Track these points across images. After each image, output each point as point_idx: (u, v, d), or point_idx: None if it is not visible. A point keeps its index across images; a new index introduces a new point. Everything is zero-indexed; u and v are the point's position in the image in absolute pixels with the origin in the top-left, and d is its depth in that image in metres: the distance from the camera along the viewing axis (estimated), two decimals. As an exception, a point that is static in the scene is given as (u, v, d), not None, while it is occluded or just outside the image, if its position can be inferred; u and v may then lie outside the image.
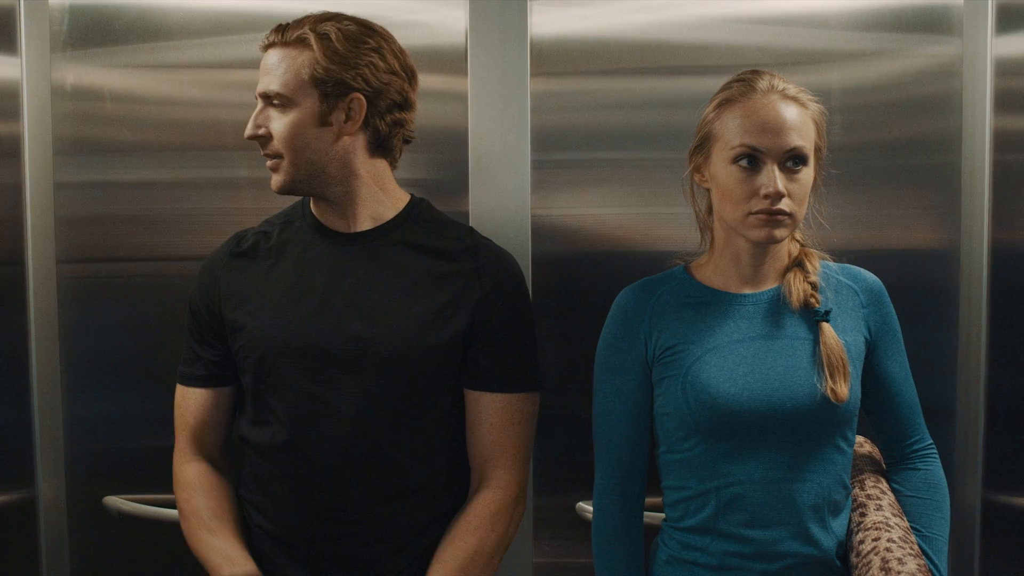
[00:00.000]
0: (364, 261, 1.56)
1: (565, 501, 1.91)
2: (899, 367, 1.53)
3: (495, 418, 1.56)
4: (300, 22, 1.51)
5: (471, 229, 1.65)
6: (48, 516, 1.98)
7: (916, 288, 1.90)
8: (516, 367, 1.58)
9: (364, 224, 1.58)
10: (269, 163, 1.54)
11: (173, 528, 1.91)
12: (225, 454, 1.69)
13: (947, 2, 1.89)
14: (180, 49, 1.91)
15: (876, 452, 1.61)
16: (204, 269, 1.65)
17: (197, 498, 1.60)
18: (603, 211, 1.92)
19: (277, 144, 1.52)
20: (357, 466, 1.52)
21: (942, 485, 1.54)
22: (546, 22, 1.90)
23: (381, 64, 1.52)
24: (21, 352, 1.95)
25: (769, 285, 1.50)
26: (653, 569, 1.54)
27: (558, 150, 1.91)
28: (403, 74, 1.56)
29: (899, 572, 1.35)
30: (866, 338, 1.50)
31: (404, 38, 1.60)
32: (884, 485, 1.54)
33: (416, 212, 1.62)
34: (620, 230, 1.92)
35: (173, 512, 1.90)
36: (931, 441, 1.56)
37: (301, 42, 1.50)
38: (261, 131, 1.52)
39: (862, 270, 1.55)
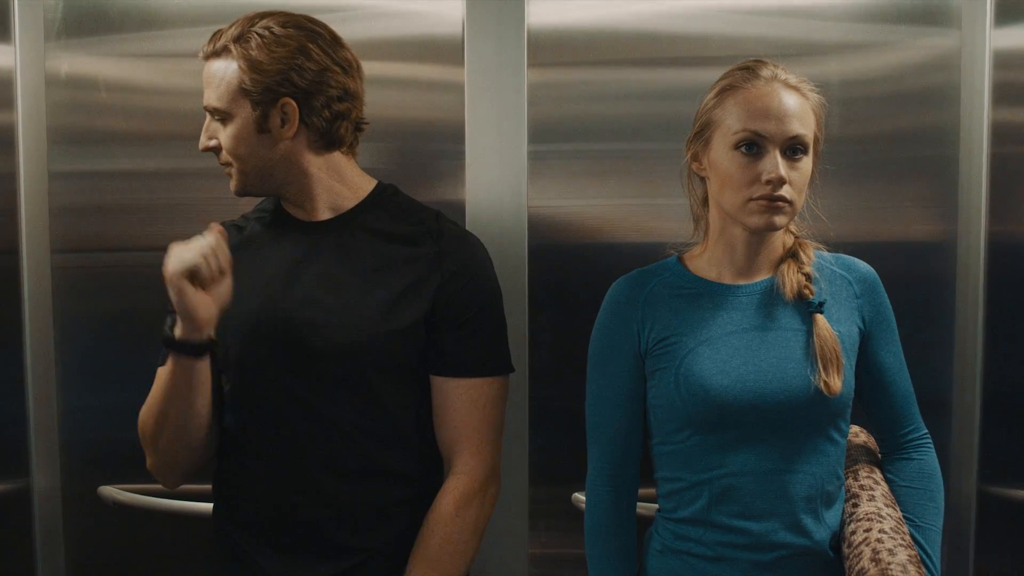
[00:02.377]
0: (324, 249, 1.56)
1: (560, 492, 1.91)
2: (893, 357, 1.52)
3: (458, 403, 1.56)
4: (229, 28, 1.51)
5: (438, 213, 1.63)
6: (43, 506, 1.98)
7: (913, 280, 1.90)
8: (479, 351, 1.58)
9: (324, 214, 1.58)
10: (226, 170, 1.56)
11: (168, 518, 1.91)
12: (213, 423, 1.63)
13: (946, -7, 1.89)
14: (175, 38, 1.91)
15: (871, 442, 1.61)
16: None
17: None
18: (600, 202, 1.92)
19: (225, 154, 1.54)
20: (323, 451, 1.52)
21: (936, 475, 1.54)
22: (543, 12, 1.89)
23: (308, 64, 1.49)
24: (15, 342, 1.94)
25: (763, 276, 1.50)
26: (647, 559, 1.54)
27: (555, 141, 1.90)
28: (338, 67, 1.53)
29: (889, 563, 1.36)
30: (860, 328, 1.49)
31: (401, 28, 1.59)
32: (878, 475, 1.54)
33: (379, 199, 1.61)
34: (617, 221, 1.92)
35: (168, 502, 1.90)
36: (926, 431, 1.56)
37: (227, 52, 1.50)
38: (212, 143, 1.54)
39: (856, 260, 1.54)
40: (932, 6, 1.89)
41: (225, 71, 1.50)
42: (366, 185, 1.62)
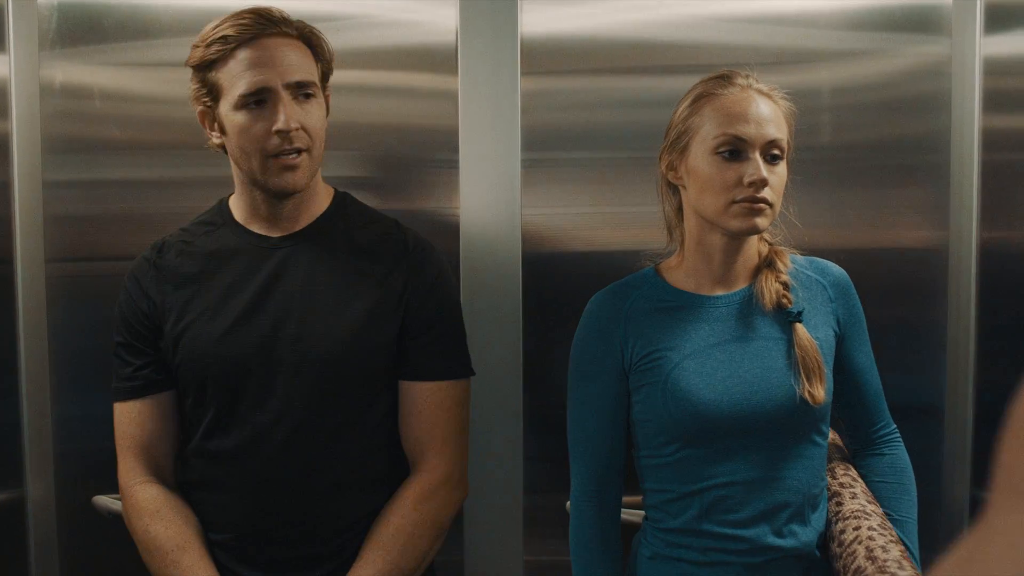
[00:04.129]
0: (297, 264, 1.55)
1: (555, 500, 1.91)
2: (865, 356, 1.54)
3: (425, 406, 1.56)
4: (284, 16, 1.50)
5: (396, 222, 1.64)
6: (37, 516, 1.98)
7: (904, 286, 1.91)
8: (443, 355, 1.59)
9: (301, 222, 1.57)
10: (292, 159, 1.47)
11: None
12: (174, 466, 1.63)
13: (936, 2, 1.89)
14: (169, 47, 1.91)
15: (838, 438, 1.63)
16: (130, 279, 1.61)
17: (156, 526, 1.52)
18: (594, 210, 1.92)
19: (310, 137, 1.48)
20: (306, 466, 1.52)
21: (908, 468, 1.56)
22: (536, 21, 1.90)
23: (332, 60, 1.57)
24: (9, 352, 1.94)
25: (740, 285, 1.50)
26: (636, 566, 1.54)
27: (548, 149, 1.91)
28: None
29: (885, 560, 1.36)
30: (835, 331, 1.50)
31: (395, 36, 1.60)
32: (853, 472, 1.55)
33: (342, 207, 1.62)
34: (611, 229, 1.92)
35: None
36: (895, 426, 1.58)
37: (302, 36, 1.50)
38: (295, 124, 1.46)
39: (829, 263, 1.55)
40: (923, 14, 1.90)
41: (303, 50, 1.49)
42: (327, 191, 1.62)
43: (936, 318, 1.93)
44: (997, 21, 1.87)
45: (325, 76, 1.55)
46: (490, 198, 1.90)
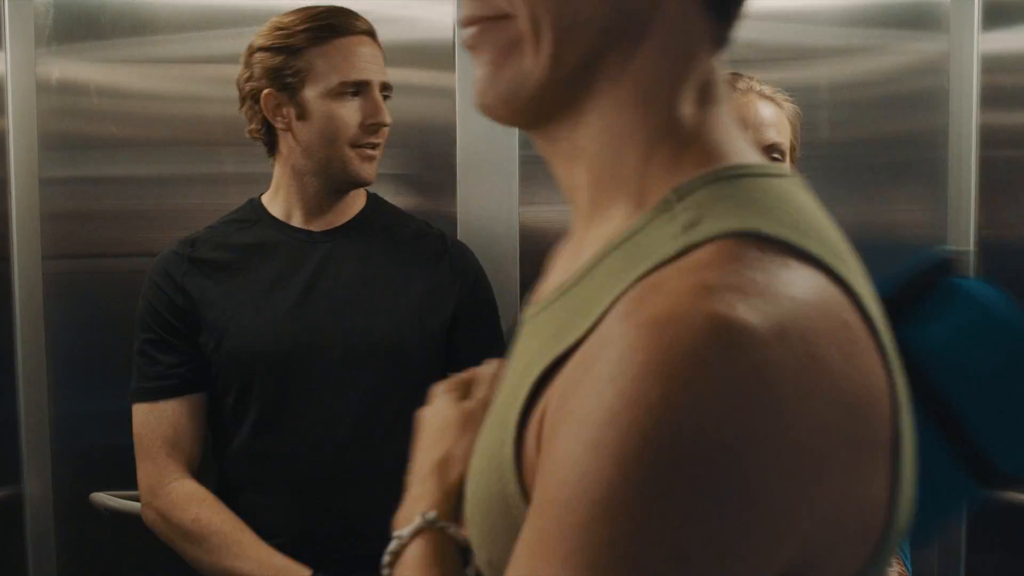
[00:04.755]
0: (343, 257, 1.56)
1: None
2: None
3: None
4: (350, 12, 1.54)
5: (426, 221, 1.68)
6: (35, 513, 1.97)
7: (903, 283, 1.91)
8: (492, 346, 1.59)
9: (344, 217, 1.58)
10: (373, 151, 1.53)
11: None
12: (200, 470, 1.59)
13: (934, -2, 1.90)
14: (166, 44, 1.90)
15: None
16: (159, 274, 1.55)
17: (206, 513, 1.48)
18: (591, 207, 1.92)
19: (386, 134, 1.55)
20: (364, 462, 1.50)
21: None
22: (534, 17, 1.89)
23: None
24: (7, 348, 1.93)
25: None
26: None
27: (546, 146, 1.91)
28: None
29: None
30: None
31: (392, 33, 1.60)
32: None
33: (379, 205, 1.64)
34: (608, 226, 1.92)
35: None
36: None
37: (377, 41, 1.55)
38: (390, 120, 1.54)
39: None
40: (921, 11, 1.90)
41: (380, 51, 1.54)
42: (362, 191, 1.63)
43: (934, 315, 1.93)
44: (995, 17, 1.87)
45: None
46: (488, 195, 1.89)
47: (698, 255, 0.52)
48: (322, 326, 1.51)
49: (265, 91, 1.50)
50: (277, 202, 1.59)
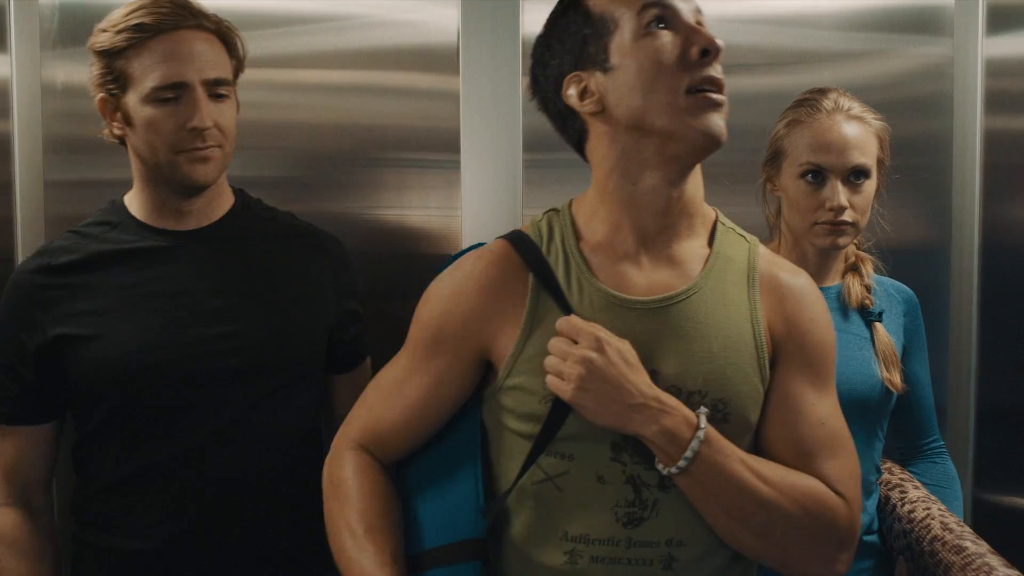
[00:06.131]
0: (210, 259, 1.48)
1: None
2: (925, 373, 1.66)
3: (355, 394, 1.37)
4: (203, 9, 1.44)
5: (292, 214, 1.62)
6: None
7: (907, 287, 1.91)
8: (362, 339, 1.64)
9: (211, 218, 1.50)
10: (204, 152, 1.41)
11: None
12: (49, 493, 1.54)
13: (938, 3, 1.90)
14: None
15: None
16: (15, 291, 1.46)
17: (9, 560, 1.43)
18: (595, 210, 1.92)
19: (222, 135, 1.43)
20: (242, 468, 1.45)
21: (957, 480, 1.69)
22: (538, 21, 1.87)
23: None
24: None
25: (830, 282, 1.60)
26: None
27: (550, 150, 1.91)
28: None
29: (961, 531, 1.46)
30: (903, 344, 1.62)
31: (397, 37, 1.60)
32: (908, 474, 1.68)
33: (247, 203, 1.58)
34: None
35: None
36: (943, 442, 1.70)
37: (218, 31, 1.44)
38: (211, 123, 1.41)
39: (903, 284, 1.67)
40: (925, 15, 1.90)
41: (213, 43, 1.43)
42: (230, 190, 1.57)
43: (938, 318, 1.93)
44: (999, 22, 1.87)
45: (236, 74, 1.49)
46: (492, 199, 1.90)
47: (760, 249, 1.24)
48: (192, 334, 1.42)
49: (98, 97, 1.45)
50: (139, 203, 1.51)
